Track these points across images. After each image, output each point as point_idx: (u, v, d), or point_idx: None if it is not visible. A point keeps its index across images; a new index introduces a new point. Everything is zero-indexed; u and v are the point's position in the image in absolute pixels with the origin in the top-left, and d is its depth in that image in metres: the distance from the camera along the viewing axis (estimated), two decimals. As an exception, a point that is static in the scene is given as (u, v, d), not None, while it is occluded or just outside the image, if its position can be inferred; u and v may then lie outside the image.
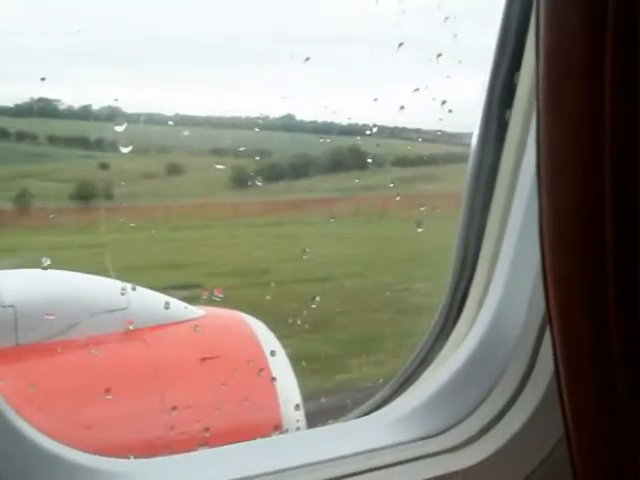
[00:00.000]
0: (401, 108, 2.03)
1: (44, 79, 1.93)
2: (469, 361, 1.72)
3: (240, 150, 3.10)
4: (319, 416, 2.86)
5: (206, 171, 4.21)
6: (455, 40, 1.77)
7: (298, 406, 2.83)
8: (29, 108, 3.06)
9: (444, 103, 1.88)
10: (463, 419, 1.68)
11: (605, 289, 1.15)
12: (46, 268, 2.12)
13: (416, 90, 1.94)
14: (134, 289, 2.42)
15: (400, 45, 1.88)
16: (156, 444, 2.50)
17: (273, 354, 2.91)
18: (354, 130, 2.62)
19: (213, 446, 1.67)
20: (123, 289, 2.43)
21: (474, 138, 1.75)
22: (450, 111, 1.89)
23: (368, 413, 1.81)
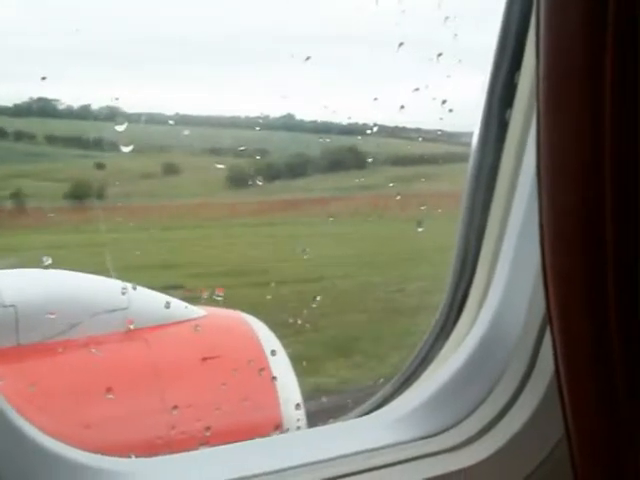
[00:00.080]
0: (401, 108, 2.03)
1: (45, 78, 1.93)
2: (469, 361, 1.72)
3: (239, 150, 3.09)
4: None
5: (204, 171, 4.18)
6: (455, 40, 1.77)
7: (299, 405, 2.83)
8: (28, 108, 3.05)
9: (444, 103, 1.89)
10: (463, 419, 1.68)
11: (605, 289, 1.15)
12: (46, 267, 2.12)
13: (416, 90, 1.94)
14: (135, 289, 2.42)
15: (400, 45, 1.88)
16: (157, 443, 2.50)
17: (274, 354, 2.91)
18: (354, 130, 2.62)
19: (214, 445, 1.67)
20: (124, 289, 2.43)
21: (474, 138, 1.75)
22: (450, 111, 1.90)
23: (368, 412, 1.81)
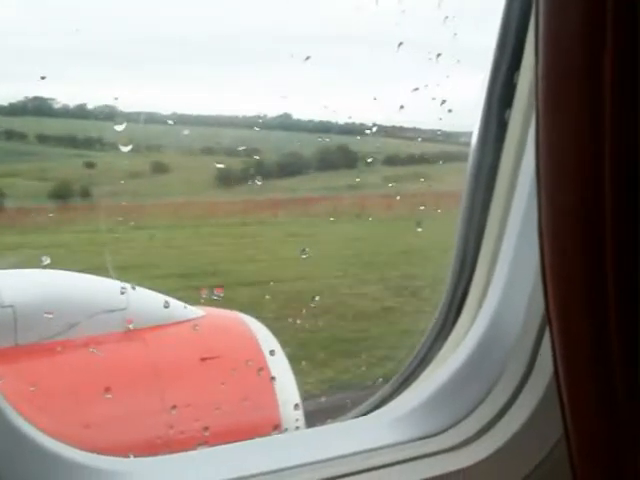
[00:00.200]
0: (401, 108, 2.03)
1: (44, 78, 1.93)
2: (468, 361, 1.72)
3: (232, 149, 3.09)
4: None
5: (194, 170, 4.15)
6: (455, 39, 1.77)
7: (297, 405, 2.83)
8: (23, 107, 3.03)
9: (444, 103, 1.88)
10: (462, 419, 1.68)
11: (605, 289, 1.15)
12: (45, 267, 2.12)
13: (416, 90, 1.94)
14: (134, 289, 2.42)
15: (400, 45, 1.88)
16: (155, 443, 2.49)
17: (272, 354, 2.91)
18: (352, 129, 2.61)
19: (212, 445, 1.67)
20: (123, 289, 2.43)
21: (473, 137, 1.75)
22: (450, 111, 1.89)
23: (367, 412, 1.80)
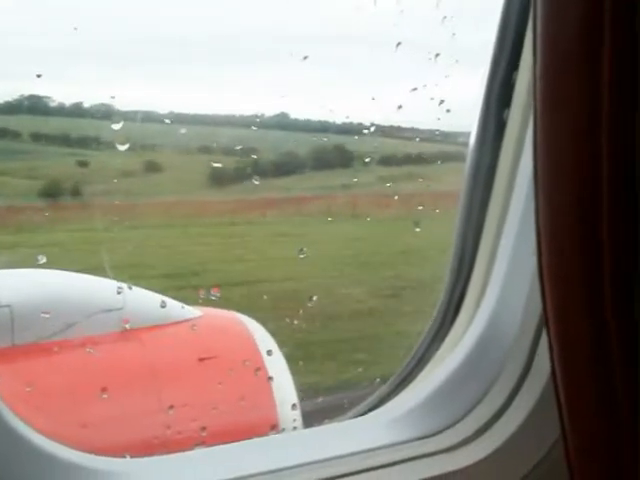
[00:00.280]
0: (399, 107, 2.03)
1: (40, 76, 1.92)
2: (466, 361, 1.72)
3: (228, 148, 3.08)
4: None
5: (188, 169, 4.11)
6: (453, 39, 1.77)
7: (295, 406, 2.83)
8: (19, 105, 3.01)
9: (442, 103, 1.88)
10: (460, 419, 1.67)
11: (603, 289, 1.14)
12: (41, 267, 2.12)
13: (414, 90, 1.94)
14: (130, 288, 2.41)
15: (398, 45, 1.88)
16: (153, 443, 2.49)
17: (269, 354, 2.91)
18: (349, 129, 2.61)
19: (210, 445, 1.66)
20: (119, 288, 2.42)
21: (472, 137, 1.75)
22: (448, 111, 1.89)
23: (365, 413, 1.80)
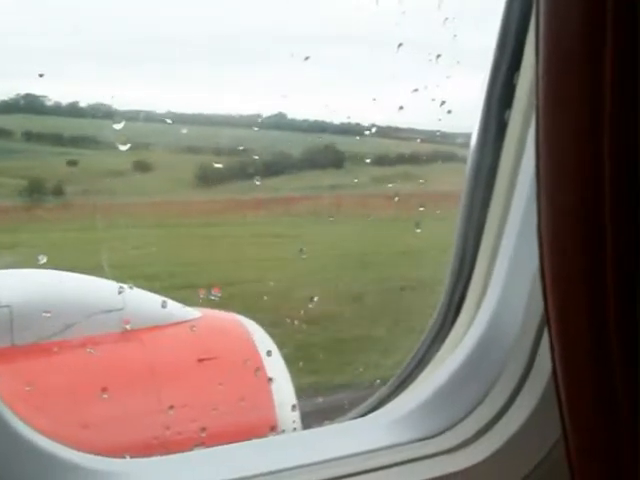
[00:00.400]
0: (400, 108, 2.03)
1: (42, 75, 1.92)
2: (467, 362, 1.71)
3: (224, 149, 3.07)
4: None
5: (177, 169, 4.07)
6: (455, 40, 1.77)
7: (294, 407, 2.83)
8: (15, 104, 2.99)
9: (443, 103, 1.88)
10: (461, 420, 1.67)
11: (604, 289, 1.14)
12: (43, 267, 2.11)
13: (415, 90, 1.93)
14: (131, 289, 2.41)
15: (400, 45, 1.88)
16: (152, 444, 2.49)
17: (269, 355, 2.91)
18: (348, 130, 2.60)
19: (209, 446, 1.66)
20: (120, 288, 2.42)
21: (473, 138, 1.75)
22: (449, 111, 1.89)
23: (365, 414, 1.80)
